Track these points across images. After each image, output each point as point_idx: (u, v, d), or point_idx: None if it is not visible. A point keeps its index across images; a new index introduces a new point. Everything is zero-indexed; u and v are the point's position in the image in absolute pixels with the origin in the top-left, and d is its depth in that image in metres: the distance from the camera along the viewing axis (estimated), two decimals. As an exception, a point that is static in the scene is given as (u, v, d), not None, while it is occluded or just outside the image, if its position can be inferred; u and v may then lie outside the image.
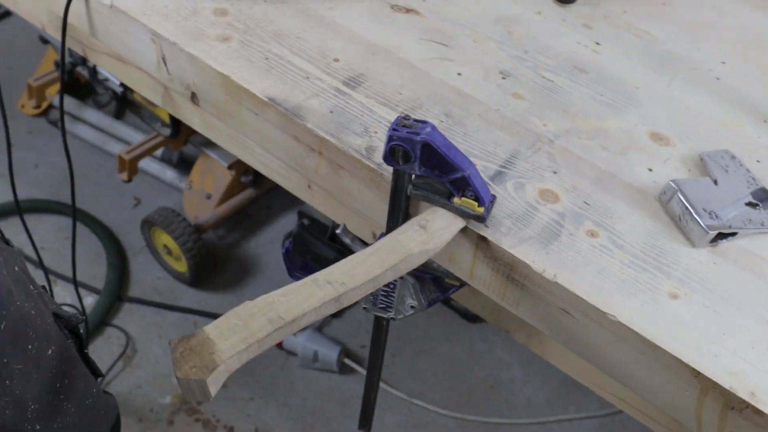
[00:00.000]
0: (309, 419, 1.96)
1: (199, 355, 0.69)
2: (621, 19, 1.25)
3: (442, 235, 0.83)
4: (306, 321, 0.74)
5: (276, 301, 0.73)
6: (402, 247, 0.80)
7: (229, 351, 0.69)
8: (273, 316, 0.72)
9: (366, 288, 0.77)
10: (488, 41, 1.15)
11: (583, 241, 0.86)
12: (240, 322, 0.72)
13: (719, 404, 0.75)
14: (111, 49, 1.19)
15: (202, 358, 0.69)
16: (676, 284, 0.83)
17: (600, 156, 0.98)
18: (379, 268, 0.77)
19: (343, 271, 0.77)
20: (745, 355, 0.77)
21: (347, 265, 0.78)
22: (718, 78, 1.15)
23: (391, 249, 0.80)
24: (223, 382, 0.70)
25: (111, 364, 1.98)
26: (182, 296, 2.19)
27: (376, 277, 0.77)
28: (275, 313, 0.72)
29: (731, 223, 0.89)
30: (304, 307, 0.73)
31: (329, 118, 0.97)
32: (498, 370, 2.11)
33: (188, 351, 0.69)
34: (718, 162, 0.97)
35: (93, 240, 2.27)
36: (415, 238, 0.81)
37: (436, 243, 0.82)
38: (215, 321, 0.72)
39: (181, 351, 0.69)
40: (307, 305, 0.73)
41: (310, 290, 0.75)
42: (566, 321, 0.83)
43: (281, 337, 0.73)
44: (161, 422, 1.90)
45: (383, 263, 0.78)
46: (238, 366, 0.71)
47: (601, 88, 1.09)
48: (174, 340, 0.70)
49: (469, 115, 1.01)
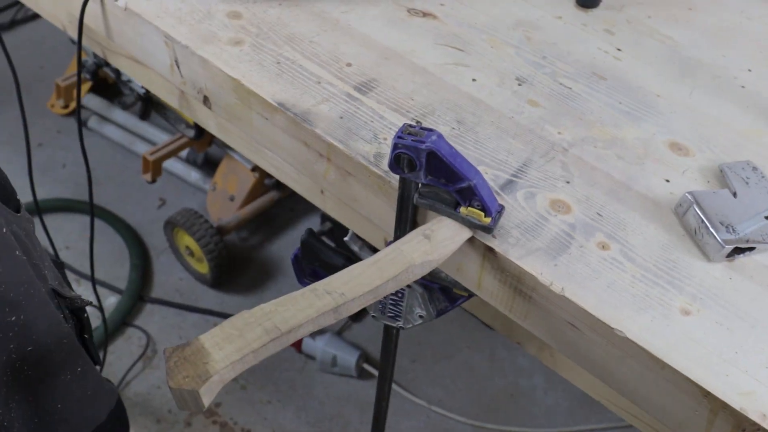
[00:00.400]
0: (327, 424, 1.95)
1: (192, 365, 0.68)
2: (644, 24, 1.22)
3: (446, 246, 0.81)
4: (303, 331, 0.73)
5: (273, 310, 0.72)
6: (404, 258, 0.78)
7: (223, 361, 0.68)
8: (269, 326, 0.71)
9: (366, 299, 0.75)
10: (506, 46, 1.13)
11: (594, 253, 0.84)
12: (236, 331, 0.70)
13: (729, 425, 0.73)
14: (127, 52, 1.19)
15: (195, 368, 0.67)
16: (688, 300, 0.80)
17: (615, 166, 0.95)
18: (379, 279, 0.76)
19: (343, 281, 0.75)
20: (757, 375, 0.74)
21: (347, 275, 0.76)
22: (743, 86, 1.12)
23: (392, 259, 0.78)
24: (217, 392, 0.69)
25: (131, 365, 1.99)
26: (203, 297, 2.19)
27: (376, 288, 0.75)
28: (272, 323, 0.71)
29: (749, 237, 0.86)
30: (301, 318, 0.72)
31: (338, 124, 0.95)
32: (519, 378, 2.09)
33: (182, 360, 0.68)
34: (739, 173, 0.94)
35: (117, 240, 2.29)
36: (418, 249, 0.79)
37: (440, 254, 0.80)
38: (212, 330, 0.71)
39: (175, 360, 0.68)
40: (304, 316, 0.72)
41: (309, 300, 0.73)
42: (574, 335, 0.81)
43: (278, 348, 0.72)
44: (179, 423, 1.90)
45: (384, 274, 0.76)
46: (233, 376, 0.70)
47: (620, 96, 1.07)
48: (168, 349, 0.69)
49: (481, 123, 0.99)
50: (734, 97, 1.10)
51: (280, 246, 2.34)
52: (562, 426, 1.99)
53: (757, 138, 1.03)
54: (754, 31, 1.24)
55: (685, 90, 1.10)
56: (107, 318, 2.05)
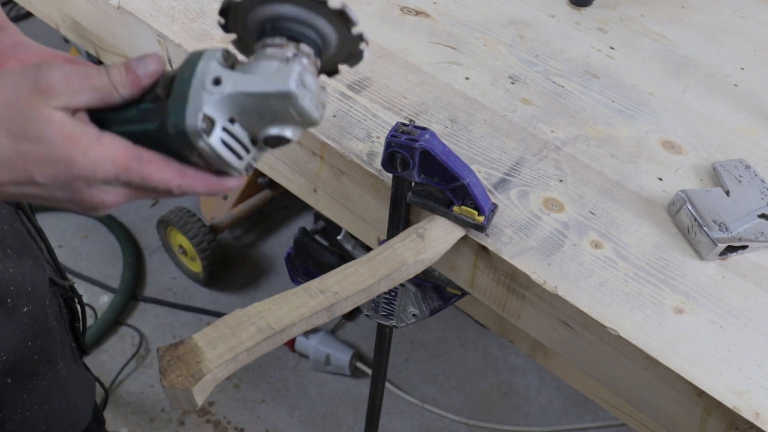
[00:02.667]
0: (320, 422, 1.95)
1: (186, 364, 0.68)
2: (638, 23, 1.22)
3: (439, 245, 0.81)
4: (297, 330, 0.72)
5: (266, 309, 0.72)
6: (397, 257, 0.78)
7: (216, 360, 0.68)
8: (263, 324, 0.71)
9: (359, 297, 0.75)
10: (499, 45, 1.12)
11: (587, 252, 0.84)
12: (229, 330, 0.70)
13: (723, 423, 0.73)
14: (120, 50, 1.18)
15: (188, 367, 0.67)
16: (681, 298, 0.80)
17: (608, 164, 0.95)
18: (372, 278, 0.76)
19: (336, 280, 0.75)
20: (750, 373, 0.74)
21: (340, 274, 0.76)
22: (735, 84, 1.12)
23: (385, 258, 0.78)
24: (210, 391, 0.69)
25: (124, 364, 1.98)
26: (197, 296, 2.19)
27: (369, 286, 0.75)
28: (265, 321, 0.71)
29: (742, 236, 0.86)
30: (294, 317, 0.72)
31: (332, 123, 0.95)
32: (512, 377, 2.09)
33: (175, 359, 0.68)
34: (732, 172, 0.94)
35: (110, 239, 2.28)
36: (411, 248, 0.79)
37: (433, 252, 0.80)
38: (205, 328, 0.71)
39: (168, 359, 0.68)
40: (297, 314, 0.72)
41: (302, 299, 0.73)
42: (567, 334, 0.81)
43: (271, 347, 0.72)
44: (172, 422, 1.89)
45: (377, 273, 0.76)
46: (227, 375, 0.70)
47: (613, 94, 1.07)
48: (161, 348, 0.69)
49: (474, 121, 0.99)
50: (727, 95, 1.10)
51: (273, 245, 2.34)
52: (556, 424, 1.99)
53: (750, 136, 1.03)
54: (747, 29, 1.24)
55: (679, 88, 1.10)
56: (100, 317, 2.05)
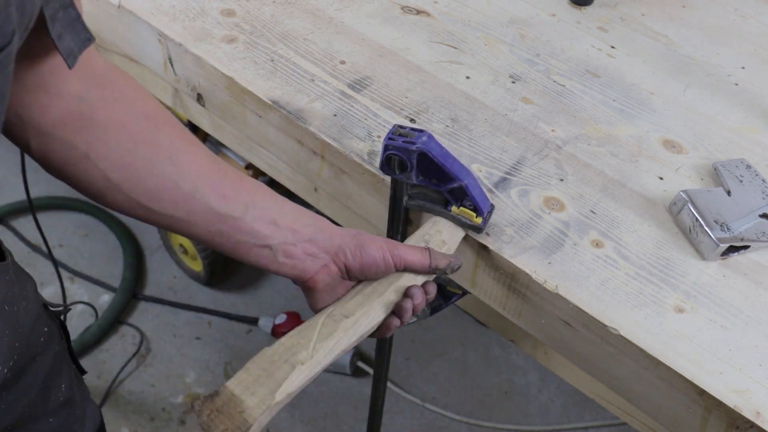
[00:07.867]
0: (321, 422, 1.95)
1: (228, 417, 0.65)
2: (638, 22, 1.22)
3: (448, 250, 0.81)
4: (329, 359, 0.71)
5: (296, 344, 0.70)
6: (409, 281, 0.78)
7: (259, 407, 0.65)
8: (296, 360, 0.69)
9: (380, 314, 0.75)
10: (499, 44, 1.12)
11: (588, 251, 0.84)
12: (263, 372, 0.68)
13: (723, 423, 0.73)
14: (120, 49, 1.18)
15: (232, 419, 0.64)
16: (682, 297, 0.80)
17: (609, 163, 0.95)
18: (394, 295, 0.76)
19: (357, 302, 0.75)
20: (751, 372, 0.74)
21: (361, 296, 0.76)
22: (736, 84, 1.12)
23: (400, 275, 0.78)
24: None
25: (125, 363, 1.98)
26: (197, 295, 2.18)
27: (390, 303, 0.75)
28: (297, 358, 0.69)
29: (743, 236, 0.86)
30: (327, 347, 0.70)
31: (332, 122, 0.95)
32: (513, 376, 2.09)
33: (215, 413, 0.65)
34: (733, 172, 0.94)
35: (111, 238, 2.28)
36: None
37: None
38: (237, 374, 0.68)
39: (208, 414, 0.65)
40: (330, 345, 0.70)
41: (329, 328, 0.72)
42: (568, 333, 0.81)
43: (309, 381, 0.70)
44: (173, 422, 1.89)
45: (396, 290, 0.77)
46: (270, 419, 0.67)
47: (614, 93, 1.07)
48: (197, 402, 0.66)
49: (475, 120, 0.99)
50: (728, 94, 1.10)
51: (274, 244, 2.33)
52: (556, 423, 1.99)
53: (750, 136, 1.03)
54: (748, 29, 1.24)
55: (679, 88, 1.10)
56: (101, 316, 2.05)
